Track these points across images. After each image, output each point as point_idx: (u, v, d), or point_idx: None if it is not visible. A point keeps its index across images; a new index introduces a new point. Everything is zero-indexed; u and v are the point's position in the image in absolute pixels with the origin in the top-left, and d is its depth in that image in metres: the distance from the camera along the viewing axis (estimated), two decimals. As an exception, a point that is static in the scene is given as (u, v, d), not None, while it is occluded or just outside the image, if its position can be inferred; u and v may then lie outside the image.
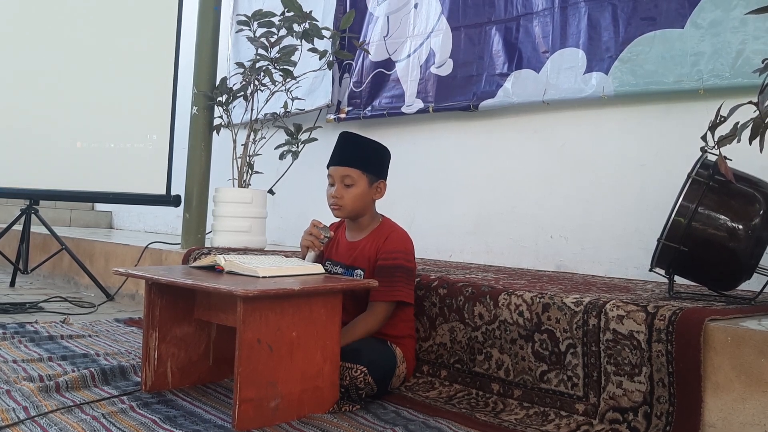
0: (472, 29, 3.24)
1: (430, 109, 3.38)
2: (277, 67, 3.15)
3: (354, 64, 3.78)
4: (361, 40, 3.68)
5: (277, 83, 3.20)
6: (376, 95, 3.68)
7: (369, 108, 3.69)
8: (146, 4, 3.74)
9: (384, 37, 3.64)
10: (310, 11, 3.06)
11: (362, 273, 1.95)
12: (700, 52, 2.44)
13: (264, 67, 3.17)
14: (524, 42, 3.02)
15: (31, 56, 3.82)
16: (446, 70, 3.33)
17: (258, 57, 3.16)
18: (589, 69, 2.76)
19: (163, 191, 3.55)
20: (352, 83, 3.79)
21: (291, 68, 3.14)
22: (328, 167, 2.00)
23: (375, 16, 3.71)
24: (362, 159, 1.97)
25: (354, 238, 2.03)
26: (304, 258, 1.98)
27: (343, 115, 3.82)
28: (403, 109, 3.51)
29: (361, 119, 3.73)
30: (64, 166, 3.70)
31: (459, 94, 3.26)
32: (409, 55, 3.52)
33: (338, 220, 2.12)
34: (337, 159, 1.98)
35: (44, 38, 3.81)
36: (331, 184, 1.98)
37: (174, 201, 3.54)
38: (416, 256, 2.03)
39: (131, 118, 3.69)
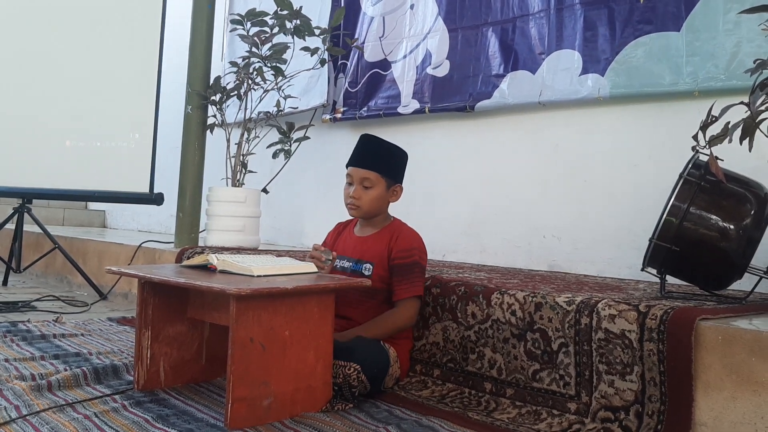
0: (468, 30, 3.24)
1: (426, 110, 3.38)
2: (268, 65, 3.15)
3: (348, 64, 3.78)
4: (355, 40, 3.67)
5: (268, 81, 3.20)
6: (372, 95, 3.67)
7: (365, 108, 3.69)
8: (131, 6, 3.75)
9: (379, 38, 3.64)
10: (300, 7, 3.06)
11: (371, 267, 1.97)
12: (695, 55, 2.45)
13: (256, 66, 3.17)
14: (520, 43, 3.02)
15: (19, 57, 3.83)
16: (443, 71, 3.34)
17: (249, 54, 3.16)
18: (585, 71, 2.77)
19: (146, 189, 3.54)
20: (347, 83, 3.78)
21: (282, 66, 3.14)
22: (347, 167, 2.02)
23: (369, 16, 3.71)
24: (382, 163, 2.00)
25: (363, 234, 2.07)
26: None
27: (338, 115, 3.82)
28: (399, 110, 3.50)
29: (356, 119, 3.73)
30: (55, 165, 3.71)
31: (455, 95, 3.27)
32: (405, 56, 3.52)
33: (349, 218, 2.15)
34: (358, 160, 2.01)
35: (31, 39, 3.81)
36: (350, 183, 2.01)
37: (156, 199, 3.53)
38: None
39: (116, 118, 3.70)
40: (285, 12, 3.05)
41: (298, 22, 3.06)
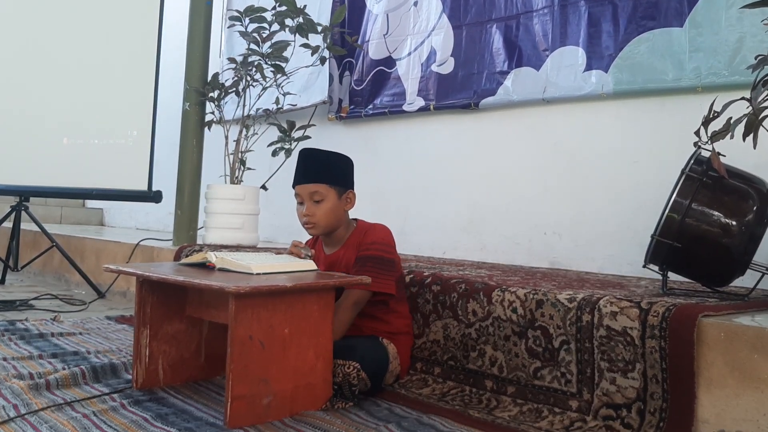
0: (472, 27, 3.23)
1: (431, 107, 3.37)
2: (269, 62, 3.13)
3: (354, 62, 3.77)
4: (360, 38, 3.66)
5: (268, 79, 3.19)
6: (377, 93, 3.66)
7: (370, 106, 3.68)
8: (129, 2, 3.74)
9: (384, 35, 3.63)
10: (305, 6, 3.04)
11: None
12: (698, 50, 2.45)
13: (255, 63, 3.15)
14: (524, 40, 3.01)
15: (17, 55, 3.81)
16: (447, 68, 3.33)
17: (249, 52, 3.15)
18: (589, 67, 2.76)
19: (144, 187, 3.53)
20: (353, 81, 3.77)
21: (282, 64, 3.13)
22: (293, 187, 1.97)
23: (374, 14, 3.70)
24: (327, 173, 1.94)
25: (332, 251, 2.02)
26: None
27: (344, 114, 3.81)
28: (405, 108, 3.49)
29: (362, 117, 3.71)
30: (52, 162, 3.70)
31: (460, 92, 3.26)
32: (409, 54, 3.51)
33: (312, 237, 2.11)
34: (302, 177, 1.95)
35: (28, 36, 3.80)
36: (300, 203, 1.96)
37: (155, 197, 3.52)
38: (410, 252, 2.03)
39: (114, 115, 3.68)
40: (284, 8, 3.03)
41: (301, 20, 3.04)
